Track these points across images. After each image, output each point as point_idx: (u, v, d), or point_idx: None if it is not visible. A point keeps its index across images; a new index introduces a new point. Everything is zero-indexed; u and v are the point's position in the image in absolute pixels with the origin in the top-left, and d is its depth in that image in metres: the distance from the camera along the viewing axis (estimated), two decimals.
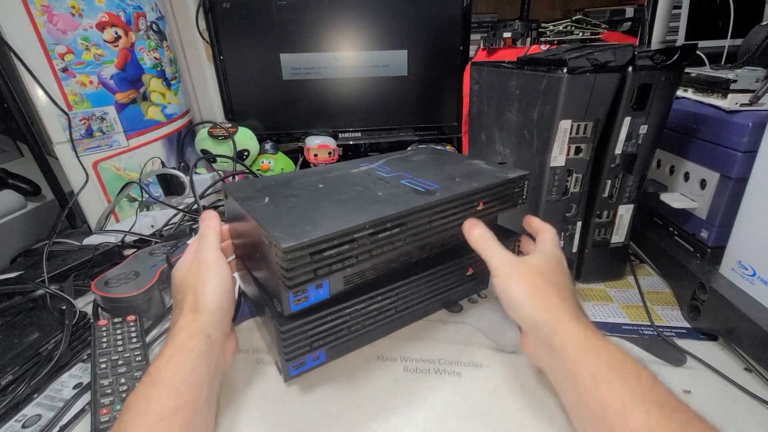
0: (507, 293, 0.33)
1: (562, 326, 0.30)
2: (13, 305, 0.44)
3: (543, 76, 0.41)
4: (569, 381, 0.29)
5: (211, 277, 0.34)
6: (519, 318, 0.33)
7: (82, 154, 0.63)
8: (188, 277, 0.34)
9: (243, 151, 0.81)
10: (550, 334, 0.30)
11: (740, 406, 0.34)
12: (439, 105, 0.90)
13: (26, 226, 0.66)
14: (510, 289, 0.32)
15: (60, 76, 0.59)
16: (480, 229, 0.37)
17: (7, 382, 0.36)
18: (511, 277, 0.33)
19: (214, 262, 0.35)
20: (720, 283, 0.40)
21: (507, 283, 0.33)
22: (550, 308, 0.31)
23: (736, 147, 0.40)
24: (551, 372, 0.31)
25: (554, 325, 0.30)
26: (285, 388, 0.37)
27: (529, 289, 0.32)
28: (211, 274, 0.34)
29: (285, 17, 0.80)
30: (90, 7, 0.60)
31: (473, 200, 0.38)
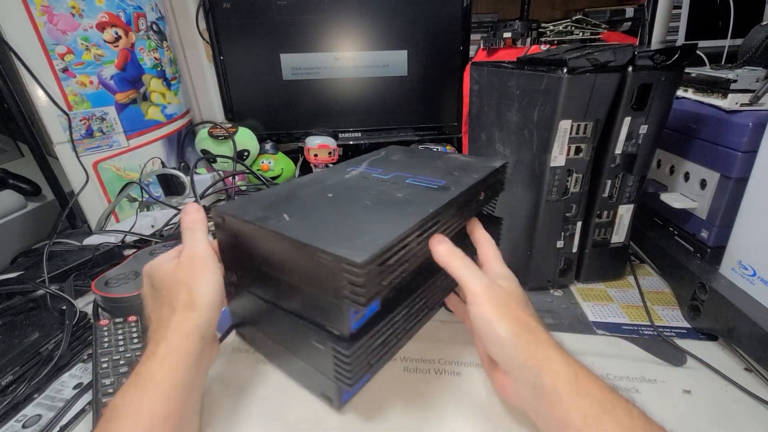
0: (491, 328, 0.29)
1: (551, 365, 0.27)
2: (14, 305, 0.44)
3: (543, 76, 0.41)
4: (558, 424, 0.27)
5: (207, 272, 0.32)
6: (502, 357, 0.29)
7: (83, 154, 0.63)
8: (179, 272, 0.32)
9: (243, 151, 0.81)
10: (540, 375, 0.27)
11: (740, 406, 0.34)
12: (439, 105, 0.90)
13: (26, 226, 0.66)
14: (494, 324, 0.29)
15: (60, 77, 0.59)
16: (448, 245, 0.32)
17: (8, 382, 0.36)
18: (493, 307, 0.29)
19: (208, 257, 0.32)
20: (720, 283, 0.40)
21: (489, 315, 0.29)
22: (539, 346, 0.28)
23: (736, 147, 0.40)
24: (536, 414, 0.29)
25: (544, 364, 0.27)
26: (283, 388, 0.37)
27: (515, 325, 0.29)
28: (206, 270, 0.32)
29: (285, 17, 0.80)
30: (90, 8, 0.60)
31: (478, 191, 0.38)
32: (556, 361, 0.27)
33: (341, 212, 0.32)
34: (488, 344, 0.30)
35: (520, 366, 0.28)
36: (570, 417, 0.26)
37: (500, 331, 0.28)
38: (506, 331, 0.28)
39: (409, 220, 0.30)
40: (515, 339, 0.28)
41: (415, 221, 0.30)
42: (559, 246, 0.48)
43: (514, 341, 0.28)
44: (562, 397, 0.26)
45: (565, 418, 0.26)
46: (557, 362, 0.27)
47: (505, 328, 0.28)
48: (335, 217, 0.32)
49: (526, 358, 0.28)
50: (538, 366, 0.27)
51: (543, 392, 0.27)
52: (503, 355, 0.29)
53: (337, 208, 0.33)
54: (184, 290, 0.31)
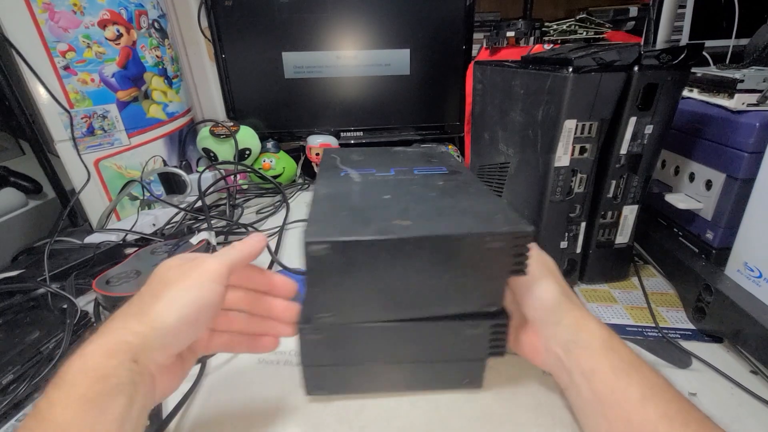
0: (538, 285, 0.30)
1: (588, 324, 0.30)
2: (14, 304, 0.44)
3: (548, 75, 0.41)
4: (586, 376, 0.28)
5: (193, 284, 0.26)
6: (543, 315, 0.31)
7: (84, 152, 0.63)
8: (170, 272, 0.27)
9: (245, 149, 0.81)
10: (576, 331, 0.29)
11: (746, 408, 0.34)
12: (441, 104, 0.90)
13: (27, 224, 0.66)
14: (542, 283, 0.31)
15: (61, 74, 0.59)
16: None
17: (8, 381, 0.35)
18: (543, 268, 0.31)
19: (213, 270, 0.27)
20: (725, 284, 0.40)
21: (539, 275, 0.31)
22: (579, 309, 0.31)
23: (742, 147, 0.40)
24: (563, 370, 0.30)
25: (581, 323, 0.30)
26: (291, 387, 0.36)
27: (560, 288, 0.31)
28: (196, 280, 0.26)
29: (287, 15, 0.80)
30: (91, 5, 0.59)
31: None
32: (592, 322, 0.30)
33: (433, 204, 0.33)
34: (531, 301, 0.31)
35: (557, 323, 0.30)
36: (599, 367, 0.28)
37: (547, 289, 0.30)
38: (553, 291, 0.30)
39: (499, 199, 0.33)
40: (559, 298, 0.30)
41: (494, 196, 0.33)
42: (562, 246, 0.47)
43: (558, 300, 0.30)
44: (595, 350, 0.28)
45: (594, 368, 0.28)
46: (593, 323, 0.30)
47: (552, 288, 0.30)
48: (439, 209, 0.31)
49: (564, 317, 0.30)
50: (575, 324, 0.30)
51: (575, 346, 0.29)
52: (544, 312, 0.31)
53: (423, 202, 0.33)
54: (152, 294, 0.25)
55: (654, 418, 0.25)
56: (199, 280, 0.26)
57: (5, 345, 0.38)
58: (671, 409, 0.25)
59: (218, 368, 0.39)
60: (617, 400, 0.26)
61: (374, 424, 0.33)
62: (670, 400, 0.25)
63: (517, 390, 0.36)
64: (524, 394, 0.35)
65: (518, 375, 0.37)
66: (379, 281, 0.29)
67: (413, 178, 0.39)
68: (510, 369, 0.37)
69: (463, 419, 0.33)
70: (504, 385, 0.36)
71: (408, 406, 0.34)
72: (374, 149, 0.52)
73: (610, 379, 0.27)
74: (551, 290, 0.30)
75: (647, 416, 0.25)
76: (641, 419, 0.25)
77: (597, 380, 0.27)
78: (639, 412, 0.25)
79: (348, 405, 0.35)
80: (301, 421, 0.33)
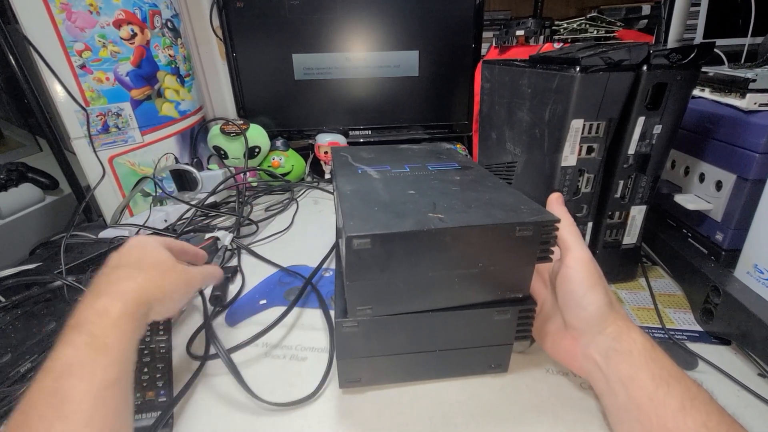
0: (584, 293, 0.31)
1: (631, 333, 0.29)
2: (32, 295, 0.45)
3: (555, 74, 0.41)
4: (624, 383, 0.28)
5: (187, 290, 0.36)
6: (585, 322, 0.31)
7: (99, 149, 0.65)
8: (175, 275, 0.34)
9: (254, 147, 0.82)
10: (618, 339, 0.29)
11: (753, 411, 0.33)
12: (449, 103, 0.90)
13: (45, 218, 0.68)
14: (589, 291, 0.31)
15: (78, 73, 0.60)
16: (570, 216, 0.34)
17: (26, 369, 0.37)
18: (592, 276, 0.31)
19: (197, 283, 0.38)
20: (734, 286, 0.39)
21: (588, 283, 0.31)
22: (624, 319, 0.31)
23: (753, 148, 0.39)
24: (600, 376, 0.30)
25: (624, 332, 0.30)
26: (291, 382, 0.37)
27: (606, 297, 0.31)
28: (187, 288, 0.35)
29: (297, 17, 0.81)
30: (107, 5, 0.61)
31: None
32: (635, 331, 0.30)
33: (458, 198, 0.34)
34: (578, 311, 0.31)
35: (599, 332, 0.30)
36: (638, 374, 0.27)
37: (594, 301, 0.30)
38: (599, 299, 0.30)
39: (518, 191, 0.35)
40: (604, 308, 0.30)
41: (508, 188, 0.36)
42: None
43: (603, 310, 0.30)
44: (635, 358, 0.28)
45: (633, 375, 0.28)
46: (637, 332, 0.30)
47: (599, 297, 0.30)
48: (466, 202, 0.33)
49: (608, 326, 0.30)
50: (618, 333, 0.30)
51: (616, 353, 0.29)
52: (588, 320, 0.31)
53: (448, 196, 0.34)
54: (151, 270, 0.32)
55: (692, 428, 0.24)
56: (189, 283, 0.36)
57: (23, 335, 0.39)
58: (711, 421, 0.24)
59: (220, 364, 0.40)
60: (655, 407, 0.26)
61: (376, 419, 0.34)
62: (711, 412, 0.25)
63: (519, 388, 0.36)
64: (526, 392, 0.36)
65: (521, 373, 0.37)
66: (416, 272, 0.30)
67: (429, 173, 0.41)
68: (512, 367, 0.38)
69: (465, 416, 0.33)
70: (506, 383, 0.36)
71: (410, 401, 0.35)
72: (382, 147, 0.52)
73: (648, 387, 0.27)
74: (599, 302, 0.30)
75: (685, 426, 0.24)
76: (678, 428, 0.25)
77: (635, 387, 0.27)
78: (677, 421, 0.25)
79: (352, 399, 0.35)
80: (307, 413, 0.34)
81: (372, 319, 0.32)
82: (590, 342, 0.31)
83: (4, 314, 0.42)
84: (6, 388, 0.35)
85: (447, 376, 0.37)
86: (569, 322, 0.32)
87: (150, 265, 0.33)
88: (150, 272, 0.32)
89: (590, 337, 0.31)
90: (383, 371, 0.36)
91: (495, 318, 0.34)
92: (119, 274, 0.31)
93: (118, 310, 0.28)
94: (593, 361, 0.30)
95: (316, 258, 0.54)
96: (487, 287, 0.32)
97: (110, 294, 0.29)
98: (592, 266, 0.32)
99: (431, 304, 0.32)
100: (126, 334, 0.27)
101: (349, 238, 0.28)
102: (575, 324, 0.32)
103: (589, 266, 0.31)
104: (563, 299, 0.32)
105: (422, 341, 0.34)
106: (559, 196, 0.36)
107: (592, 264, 0.32)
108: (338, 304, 0.33)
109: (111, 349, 0.26)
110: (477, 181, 0.38)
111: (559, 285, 0.33)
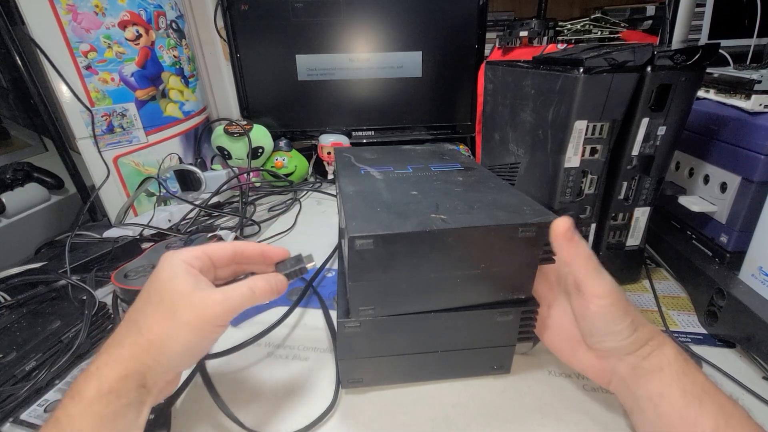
0: (612, 325, 0.29)
1: (663, 349, 0.28)
2: (37, 294, 0.45)
3: (559, 75, 0.41)
4: (653, 401, 0.27)
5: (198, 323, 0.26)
6: (615, 347, 0.29)
7: (104, 149, 0.65)
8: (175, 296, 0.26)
9: (258, 148, 0.82)
10: (648, 358, 0.28)
11: (757, 415, 0.33)
12: (453, 104, 0.90)
13: (50, 218, 0.69)
14: (617, 322, 0.28)
15: (83, 74, 0.61)
16: (583, 241, 0.30)
17: (31, 368, 0.37)
18: (615, 307, 0.28)
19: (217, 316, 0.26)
20: (739, 289, 0.39)
21: (614, 315, 0.28)
22: (652, 335, 0.29)
23: (759, 150, 0.39)
24: (628, 391, 0.29)
25: (656, 348, 0.28)
26: (292, 380, 0.37)
27: (633, 320, 0.29)
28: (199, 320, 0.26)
29: (301, 19, 0.81)
30: (113, 6, 0.61)
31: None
32: (668, 347, 0.28)
33: (461, 199, 0.34)
34: (603, 338, 0.30)
35: (631, 353, 0.29)
36: (668, 391, 0.26)
37: (622, 327, 0.29)
38: (627, 327, 0.28)
39: (520, 192, 0.35)
40: (635, 334, 0.29)
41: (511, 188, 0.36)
42: None
43: (633, 336, 0.29)
44: (665, 373, 0.27)
45: (663, 392, 0.26)
46: (669, 347, 0.28)
47: (627, 325, 0.29)
48: (469, 203, 0.33)
49: (640, 347, 0.28)
50: (650, 351, 0.28)
51: (645, 370, 0.28)
52: (618, 347, 0.29)
53: (451, 197, 0.34)
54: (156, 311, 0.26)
55: None
56: (202, 321, 0.26)
57: (28, 333, 0.40)
58: None
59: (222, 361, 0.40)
60: (686, 427, 0.25)
61: (378, 419, 0.34)
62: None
63: (521, 390, 0.36)
64: (529, 394, 0.35)
65: (523, 375, 0.37)
66: (419, 273, 0.30)
67: (432, 174, 0.41)
68: (515, 369, 0.38)
69: (467, 417, 0.33)
70: (509, 385, 0.36)
71: (412, 402, 0.35)
72: (384, 148, 0.52)
73: (679, 404, 0.25)
74: (626, 333, 0.28)
75: None
76: None
77: (665, 404, 0.26)
78: None
79: (353, 399, 0.35)
80: (308, 412, 0.34)
81: (374, 319, 0.32)
82: (618, 362, 0.29)
83: (9, 313, 0.43)
84: (11, 386, 0.35)
85: (449, 378, 0.37)
86: (593, 346, 0.31)
87: (149, 309, 0.26)
88: (143, 321, 0.26)
89: (618, 358, 0.29)
90: (385, 372, 0.36)
91: (497, 319, 0.34)
92: (120, 329, 0.26)
93: (92, 391, 0.23)
94: (620, 377, 0.29)
95: (318, 258, 0.54)
96: (489, 288, 0.32)
97: (91, 366, 0.24)
98: (615, 296, 0.29)
99: (434, 305, 0.32)
100: (106, 421, 0.23)
101: (352, 239, 0.28)
102: (605, 347, 0.30)
103: (613, 299, 0.28)
104: (585, 332, 0.31)
105: (424, 342, 0.34)
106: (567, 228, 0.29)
107: (613, 294, 0.29)
108: (341, 304, 0.33)
109: None
110: (480, 182, 0.38)
111: (580, 318, 0.31)
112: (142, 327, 0.26)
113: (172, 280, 0.27)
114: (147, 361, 0.25)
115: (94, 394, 0.23)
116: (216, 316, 0.26)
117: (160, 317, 0.26)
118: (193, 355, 0.28)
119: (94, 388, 0.23)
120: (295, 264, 0.32)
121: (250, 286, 0.28)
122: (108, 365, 0.24)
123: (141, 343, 0.25)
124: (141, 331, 0.25)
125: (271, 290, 0.29)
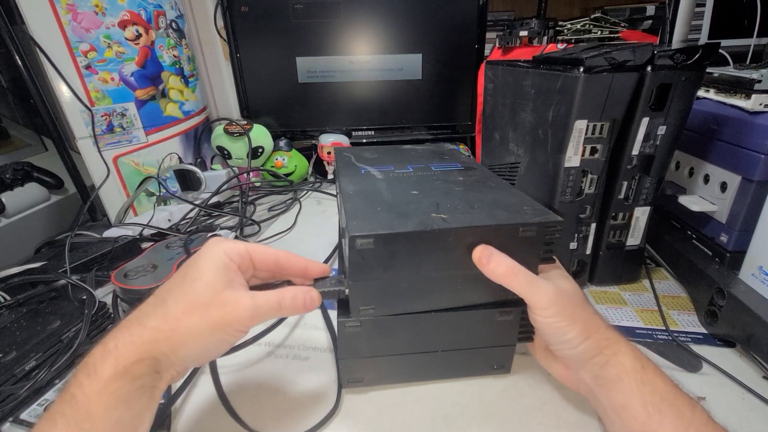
0: (561, 335, 0.29)
1: (618, 357, 0.28)
2: (37, 294, 0.45)
3: (559, 75, 0.41)
4: (616, 410, 0.27)
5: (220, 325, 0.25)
6: (571, 357, 0.30)
7: (103, 149, 0.65)
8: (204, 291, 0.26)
9: (258, 147, 0.82)
10: (606, 366, 0.28)
11: (757, 414, 0.33)
12: (453, 104, 0.90)
13: (50, 218, 0.68)
14: (565, 331, 0.28)
15: (83, 73, 0.61)
16: (503, 259, 0.29)
17: (31, 368, 0.37)
18: (561, 317, 0.28)
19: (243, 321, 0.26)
20: (739, 288, 0.39)
21: (560, 325, 0.28)
22: (609, 344, 0.28)
23: (759, 149, 0.39)
24: (596, 399, 0.30)
25: (611, 358, 0.28)
26: (293, 380, 0.37)
27: (584, 328, 0.28)
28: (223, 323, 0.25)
29: (301, 21, 0.81)
30: (113, 6, 0.61)
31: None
32: (624, 355, 0.28)
33: (462, 198, 0.34)
34: (557, 346, 0.30)
35: (587, 361, 0.29)
36: (630, 402, 0.26)
37: (571, 337, 0.28)
38: (577, 336, 0.28)
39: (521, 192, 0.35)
40: (586, 342, 0.28)
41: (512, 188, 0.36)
42: (572, 247, 0.47)
43: (584, 344, 0.28)
44: (625, 384, 0.27)
45: (625, 403, 0.27)
46: (625, 355, 0.28)
47: (576, 334, 0.28)
48: (469, 202, 0.33)
49: (594, 355, 0.28)
50: (605, 360, 0.28)
51: (606, 380, 0.28)
52: (572, 355, 0.29)
53: (451, 197, 0.34)
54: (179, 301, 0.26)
55: None
56: (227, 323, 0.26)
57: (28, 333, 0.40)
58: None
59: (222, 360, 0.40)
60: None
61: (378, 419, 0.34)
62: None
63: (522, 389, 0.36)
64: (529, 394, 0.35)
65: (523, 375, 0.37)
66: (419, 273, 0.30)
67: (432, 174, 0.41)
68: (515, 368, 0.38)
69: (468, 417, 0.33)
70: (509, 385, 0.36)
71: (412, 402, 0.35)
72: (384, 147, 0.52)
73: (641, 416, 0.26)
74: (577, 336, 0.28)
75: None
76: None
77: (628, 416, 0.26)
78: None
79: (353, 399, 0.35)
80: (309, 412, 0.34)
81: (374, 319, 0.32)
82: (580, 369, 0.30)
83: (9, 312, 0.43)
84: (11, 386, 0.35)
85: (449, 377, 0.37)
86: (559, 355, 0.31)
87: (180, 293, 0.26)
88: (171, 306, 0.25)
89: (579, 365, 0.30)
90: (385, 371, 0.36)
91: (498, 319, 0.33)
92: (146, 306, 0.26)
93: (109, 371, 0.23)
94: (587, 386, 0.30)
95: (319, 258, 0.54)
96: (489, 288, 0.32)
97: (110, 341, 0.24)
98: (559, 306, 0.28)
99: (434, 305, 0.32)
100: (122, 401, 0.23)
101: (352, 238, 0.28)
102: (563, 356, 0.31)
103: (557, 309, 0.28)
104: (545, 342, 0.31)
105: (425, 342, 0.34)
106: (478, 256, 0.29)
107: (558, 305, 0.28)
108: (341, 303, 0.33)
109: (96, 421, 0.22)
110: (480, 182, 0.39)
111: (537, 329, 0.31)
112: (168, 313, 0.25)
113: (209, 270, 0.26)
114: (164, 349, 0.25)
115: (110, 374, 0.23)
116: (240, 321, 0.26)
117: (188, 307, 0.25)
118: (209, 354, 0.28)
119: (111, 367, 0.23)
120: (335, 285, 0.31)
121: (279, 301, 0.28)
122: (126, 346, 0.24)
123: (164, 330, 0.25)
124: (167, 318, 0.25)
125: (302, 307, 0.29)
